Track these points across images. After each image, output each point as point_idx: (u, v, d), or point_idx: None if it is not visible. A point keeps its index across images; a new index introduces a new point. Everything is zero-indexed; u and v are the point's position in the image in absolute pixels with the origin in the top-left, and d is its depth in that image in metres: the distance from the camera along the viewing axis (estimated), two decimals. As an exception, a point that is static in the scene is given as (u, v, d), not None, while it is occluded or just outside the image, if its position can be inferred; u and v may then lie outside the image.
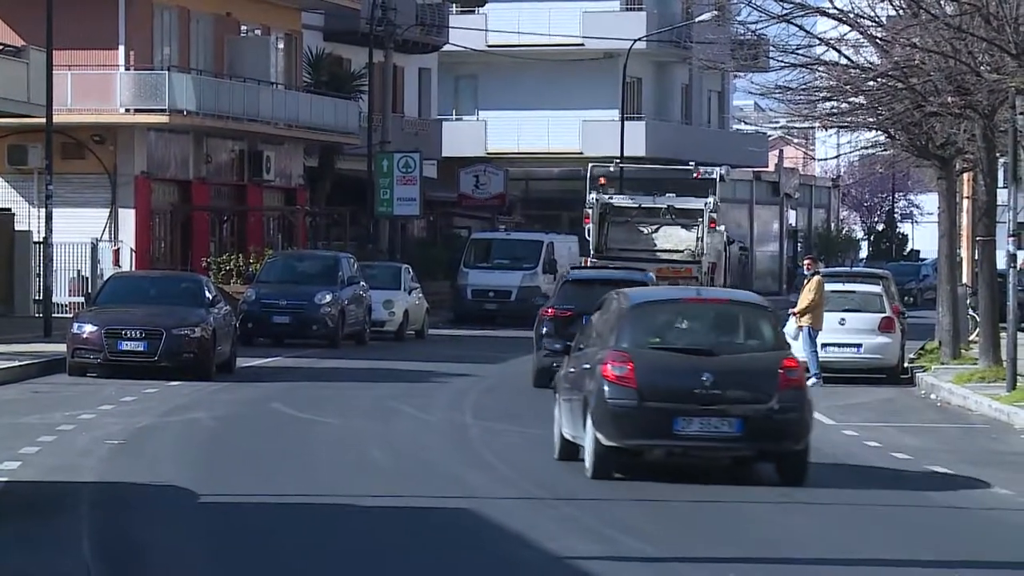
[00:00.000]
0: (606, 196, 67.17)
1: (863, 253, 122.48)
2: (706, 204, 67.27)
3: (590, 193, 67.88)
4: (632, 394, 25.97)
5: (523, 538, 20.10)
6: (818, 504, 24.89)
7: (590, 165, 73.97)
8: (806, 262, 53.24)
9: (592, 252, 64.84)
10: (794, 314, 46.45)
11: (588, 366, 27.33)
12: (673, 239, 67.43)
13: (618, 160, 75.63)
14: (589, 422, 26.03)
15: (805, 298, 46.35)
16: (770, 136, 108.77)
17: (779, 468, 26.92)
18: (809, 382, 43.01)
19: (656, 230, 67.12)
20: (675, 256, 66.13)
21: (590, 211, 66.22)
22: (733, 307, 30.20)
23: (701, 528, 21.65)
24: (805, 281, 48.51)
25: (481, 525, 21.30)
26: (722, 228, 72.42)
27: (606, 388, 25.85)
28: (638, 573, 17.85)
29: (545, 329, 43.06)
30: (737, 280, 72.81)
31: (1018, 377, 40.62)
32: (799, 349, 45.01)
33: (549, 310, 43.74)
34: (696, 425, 26.21)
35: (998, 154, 47.72)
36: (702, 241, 65.96)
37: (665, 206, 67.80)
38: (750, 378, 27.48)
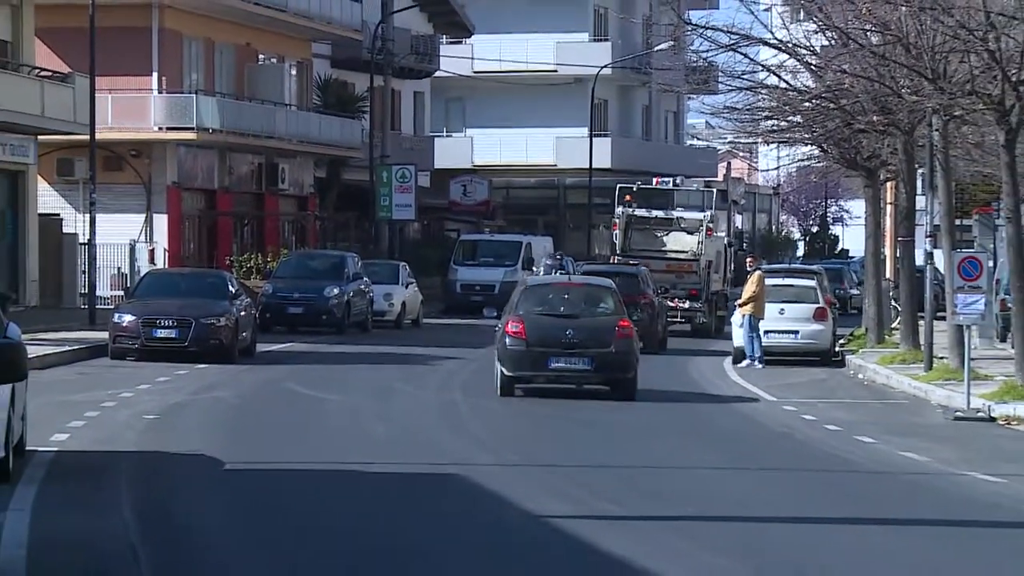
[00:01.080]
0: (630, 209, 68.41)
1: (800, 252, 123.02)
2: (705, 216, 69.23)
3: (618, 207, 69.22)
4: (522, 343, 36.02)
5: (504, 499, 20.09)
6: (763, 470, 24.88)
7: (617, 185, 75.10)
8: (748, 260, 53.58)
9: (618, 252, 66.53)
10: (738, 305, 46.88)
11: (499, 327, 37.38)
12: (680, 243, 69.54)
13: (640, 182, 76.29)
14: (496, 361, 35.99)
15: (748, 290, 46.75)
16: (719, 150, 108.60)
17: (615, 390, 36.50)
18: (743, 364, 45.05)
19: (667, 235, 68.95)
20: (680, 256, 67.83)
21: (618, 220, 67.88)
22: (590, 288, 41.43)
23: (666, 494, 21.56)
24: (747, 276, 48.81)
25: (468, 488, 21.30)
26: (721, 234, 75.25)
27: (507, 339, 35.96)
28: (603, 528, 17.76)
29: None
30: (734, 274, 75.39)
31: (934, 359, 40.77)
32: (740, 337, 46.44)
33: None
34: (563, 362, 36.73)
35: (917, 165, 47.87)
36: (702, 244, 67.63)
37: (675, 217, 69.54)
38: (597, 332, 37.66)
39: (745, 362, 45.65)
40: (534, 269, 68.92)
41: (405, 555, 16.50)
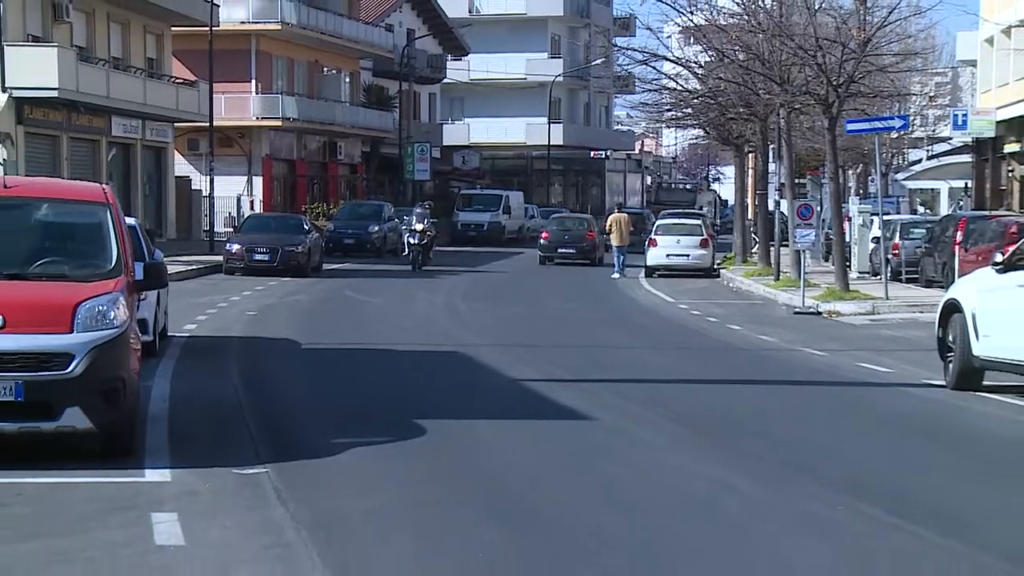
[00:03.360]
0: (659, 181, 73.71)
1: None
2: (698, 186, 74.58)
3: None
4: (547, 241, 52.94)
5: (490, 367, 20.10)
6: (668, 349, 24.82)
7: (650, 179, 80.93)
8: (616, 208, 55.34)
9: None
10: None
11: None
12: (687, 198, 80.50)
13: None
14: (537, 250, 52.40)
15: (615, 231, 47.97)
16: (636, 132, 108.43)
17: (590, 263, 48.65)
18: (615, 276, 45.08)
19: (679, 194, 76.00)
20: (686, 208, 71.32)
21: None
22: (575, 218, 54.67)
23: (604, 364, 21.59)
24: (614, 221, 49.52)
25: (465, 360, 21.29)
26: (711, 194, 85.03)
27: (540, 240, 54.28)
28: (561, 388, 17.81)
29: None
30: (718, 218, 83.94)
31: (780, 273, 40.88)
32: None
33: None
34: (564, 250, 51.96)
35: (769, 143, 47.83)
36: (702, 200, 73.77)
37: (684, 186, 74.78)
38: (580, 237, 53.40)
39: (616, 274, 45.54)
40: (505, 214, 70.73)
41: (421, 393, 16.84)
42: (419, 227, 46.48)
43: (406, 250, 48.55)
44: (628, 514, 10.88)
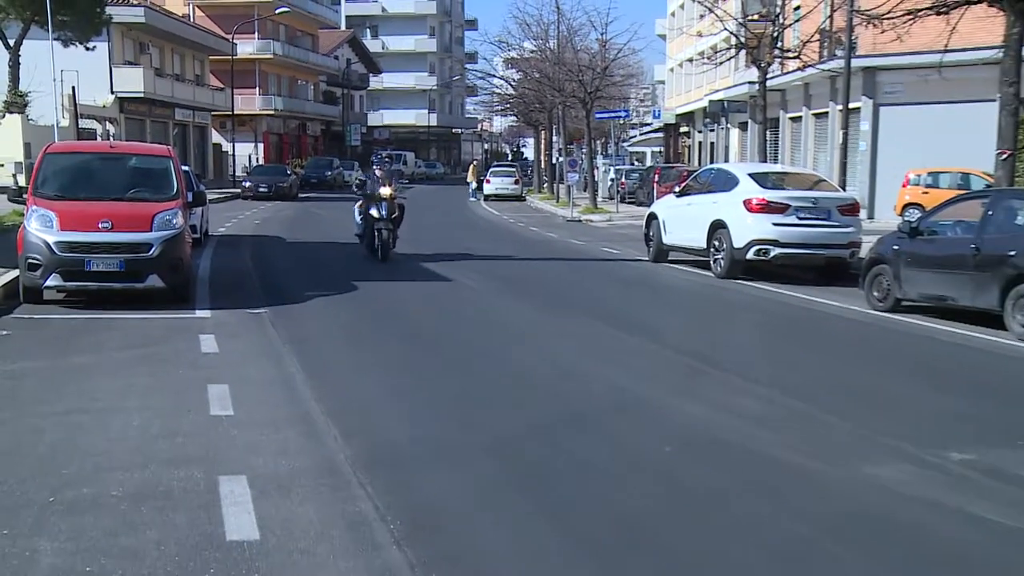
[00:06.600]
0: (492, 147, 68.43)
1: (511, 159, 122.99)
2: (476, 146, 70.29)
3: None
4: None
5: (396, 252, 19.81)
6: (499, 242, 24.26)
7: (487, 146, 74.28)
8: (472, 166, 53.71)
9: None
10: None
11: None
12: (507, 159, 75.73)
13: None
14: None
15: (472, 175, 47.81)
16: (479, 119, 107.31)
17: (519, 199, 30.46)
18: (472, 199, 44.26)
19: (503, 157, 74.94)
20: (475, 162, 67.50)
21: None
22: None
23: (460, 249, 21.30)
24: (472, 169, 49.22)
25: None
26: (521, 155, 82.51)
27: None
28: (433, 263, 17.66)
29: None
30: (524, 169, 71.65)
31: (560, 198, 41.03)
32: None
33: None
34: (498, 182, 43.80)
35: (553, 124, 47.74)
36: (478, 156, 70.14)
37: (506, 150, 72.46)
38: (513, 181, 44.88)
39: (472, 199, 45.10)
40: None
41: (355, 266, 16.23)
42: (387, 192, 17.70)
43: (359, 230, 18.73)
44: (466, 326, 10.93)
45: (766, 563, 4.54)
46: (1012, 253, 11.13)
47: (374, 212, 17.80)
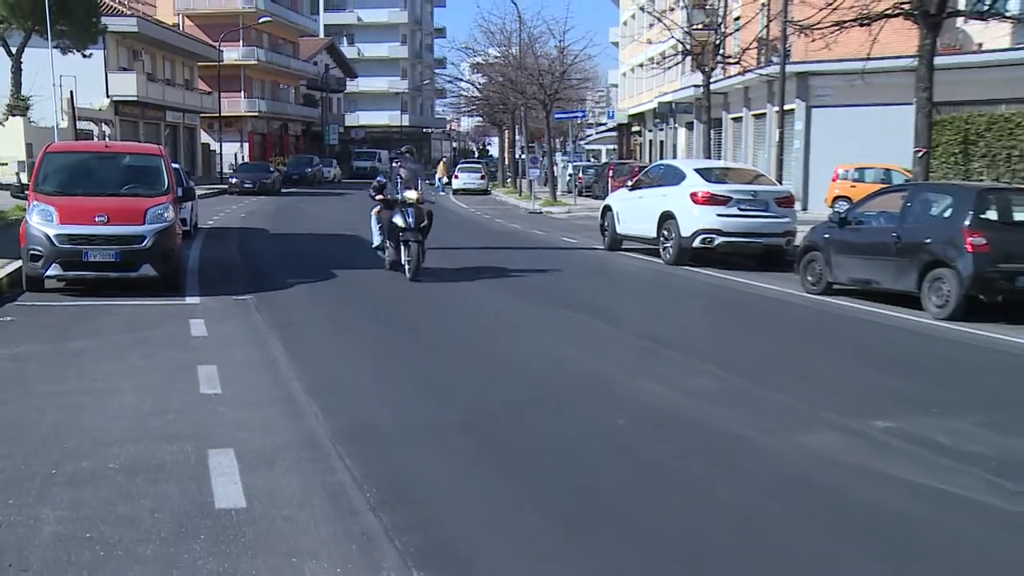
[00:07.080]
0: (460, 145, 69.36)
1: (477, 156, 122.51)
2: (445, 145, 69.81)
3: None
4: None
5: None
6: (464, 232, 24.12)
7: (455, 144, 74.08)
8: (441, 162, 51.69)
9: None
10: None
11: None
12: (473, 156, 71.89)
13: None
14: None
15: (442, 170, 46.86)
16: (447, 119, 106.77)
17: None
18: (442, 193, 42.68)
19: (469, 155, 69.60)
20: (445, 158, 65.92)
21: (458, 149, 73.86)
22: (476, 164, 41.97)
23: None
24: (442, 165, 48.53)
25: (359, 240, 20.73)
26: (487, 153, 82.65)
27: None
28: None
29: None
30: (490, 165, 68.58)
31: (522, 192, 41.02)
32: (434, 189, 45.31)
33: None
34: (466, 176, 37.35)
35: (516, 124, 47.71)
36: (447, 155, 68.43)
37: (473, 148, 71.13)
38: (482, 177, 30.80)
39: (441, 193, 42.68)
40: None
41: (334, 255, 16.14)
42: (413, 196, 13.32)
43: (376, 241, 14.45)
44: (437, 313, 10.89)
45: (715, 524, 4.59)
46: (928, 241, 11.39)
47: (398, 220, 12.92)
